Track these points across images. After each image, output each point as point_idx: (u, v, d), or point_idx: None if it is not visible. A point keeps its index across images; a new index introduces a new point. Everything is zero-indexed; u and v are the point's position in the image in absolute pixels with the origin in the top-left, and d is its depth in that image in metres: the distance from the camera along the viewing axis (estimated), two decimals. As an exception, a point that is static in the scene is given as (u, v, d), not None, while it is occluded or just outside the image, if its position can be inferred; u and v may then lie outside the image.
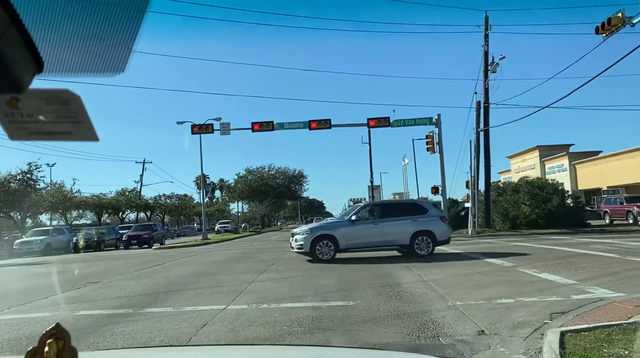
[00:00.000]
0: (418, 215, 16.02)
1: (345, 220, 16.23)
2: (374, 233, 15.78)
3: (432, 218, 16.06)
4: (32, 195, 44.13)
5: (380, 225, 15.89)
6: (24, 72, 0.71)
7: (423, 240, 15.80)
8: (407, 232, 15.72)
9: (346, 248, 15.62)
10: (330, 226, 16.43)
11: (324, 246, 15.48)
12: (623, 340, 5.05)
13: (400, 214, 16.20)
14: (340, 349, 3.35)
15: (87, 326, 7.33)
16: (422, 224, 15.85)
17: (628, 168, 39.63)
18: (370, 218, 16.31)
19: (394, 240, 15.80)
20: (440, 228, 16.09)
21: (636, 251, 14.36)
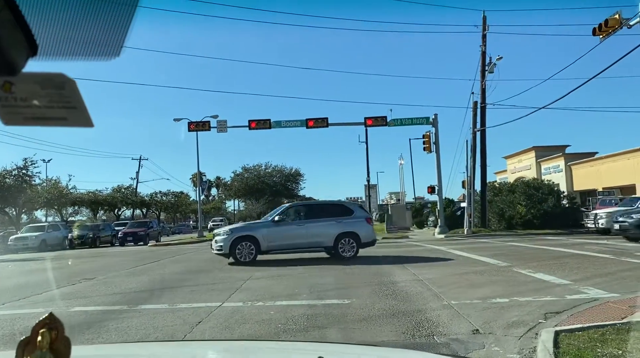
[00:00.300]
0: (343, 217, 15.75)
1: (268, 221, 15.88)
2: (298, 234, 15.43)
3: (357, 219, 15.81)
4: (28, 191, 43.98)
5: (304, 226, 15.57)
6: (18, 54, 0.70)
7: (347, 241, 15.55)
8: (332, 234, 15.45)
9: (268, 250, 15.27)
10: (251, 227, 16.03)
11: (244, 247, 15.02)
12: (617, 340, 5.07)
13: (325, 216, 15.86)
14: (336, 345, 3.35)
15: (82, 322, 7.31)
16: (346, 225, 15.60)
17: (624, 170, 39.75)
18: (295, 218, 15.92)
19: (318, 242, 15.54)
20: (365, 229, 15.86)
21: (630, 252, 14.42)
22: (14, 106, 0.77)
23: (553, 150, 49.52)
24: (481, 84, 29.35)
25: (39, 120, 0.79)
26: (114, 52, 0.80)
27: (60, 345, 0.96)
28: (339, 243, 15.48)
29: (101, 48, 0.79)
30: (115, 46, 0.79)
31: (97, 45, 0.79)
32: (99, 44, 0.79)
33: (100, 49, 0.79)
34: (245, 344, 3.01)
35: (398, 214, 40.48)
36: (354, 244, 15.59)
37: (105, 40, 0.79)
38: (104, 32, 0.78)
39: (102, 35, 0.78)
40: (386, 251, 18.54)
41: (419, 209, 42.03)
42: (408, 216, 41.26)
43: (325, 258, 15.74)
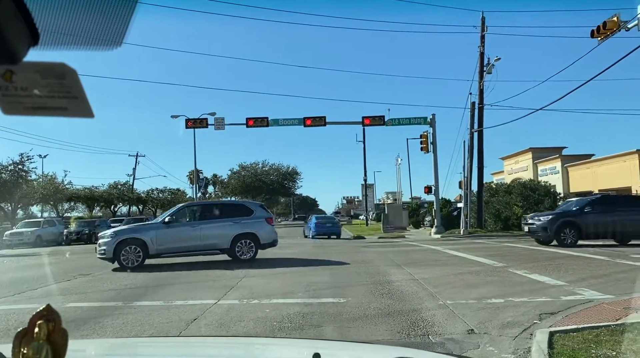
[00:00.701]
0: (242, 217, 15.16)
1: (158, 222, 15.15)
2: (191, 236, 14.63)
3: (257, 220, 15.22)
4: (24, 186, 43.80)
5: (198, 228, 14.79)
6: (19, 43, 0.70)
7: (246, 243, 14.94)
8: (228, 235, 14.83)
9: (158, 253, 14.43)
10: (138, 229, 15.05)
11: (130, 251, 13.98)
12: (611, 341, 5.10)
13: (222, 216, 15.33)
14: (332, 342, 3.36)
15: (77, 318, 7.29)
16: (245, 226, 15.00)
17: (620, 172, 39.88)
18: (190, 219, 15.22)
19: (214, 244, 14.82)
20: (265, 230, 15.28)
21: (625, 254, 14.47)
22: (15, 95, 0.77)
23: (550, 152, 49.64)
24: (479, 84, 29.39)
25: (39, 110, 0.78)
26: (116, 42, 0.79)
27: (57, 336, 0.96)
28: (237, 244, 14.84)
29: (103, 37, 0.79)
30: (118, 35, 0.79)
31: (99, 34, 0.78)
32: (101, 33, 0.78)
33: (102, 38, 0.79)
34: (241, 340, 3.02)
35: (395, 214, 40.49)
36: (253, 245, 14.98)
37: (107, 29, 0.78)
38: (106, 21, 0.77)
39: (104, 24, 0.78)
40: (382, 251, 18.58)
41: (415, 209, 42.13)
42: (405, 216, 41.32)
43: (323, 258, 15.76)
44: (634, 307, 6.92)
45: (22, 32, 0.70)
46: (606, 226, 17.47)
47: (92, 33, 0.78)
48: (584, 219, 17.75)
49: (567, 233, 17.63)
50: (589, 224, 17.57)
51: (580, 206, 18.83)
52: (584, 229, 17.60)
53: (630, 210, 18.01)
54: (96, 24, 0.78)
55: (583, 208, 18.40)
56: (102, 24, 0.78)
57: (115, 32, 0.79)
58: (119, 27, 0.78)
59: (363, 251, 18.78)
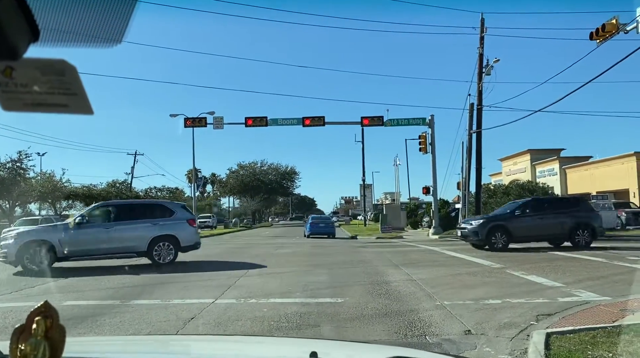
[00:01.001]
0: (162, 218, 14.40)
1: (69, 222, 14.11)
2: (105, 238, 13.67)
3: (177, 221, 14.48)
4: (22, 184, 43.72)
5: (113, 229, 13.82)
6: (20, 39, 0.70)
7: (165, 245, 14.13)
8: (145, 237, 13.94)
9: (67, 256, 13.40)
10: (45, 230, 14.10)
11: (35, 254, 12.96)
12: (607, 342, 5.11)
13: (140, 217, 14.40)
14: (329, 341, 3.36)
15: (74, 316, 7.28)
16: (164, 228, 14.19)
17: (617, 174, 39.98)
18: (104, 220, 14.18)
19: (130, 246, 13.87)
20: (186, 232, 14.56)
21: (623, 256, 14.50)
22: (15, 91, 0.77)
23: (548, 153, 49.74)
24: (478, 86, 29.40)
25: (39, 106, 0.78)
26: (116, 39, 0.80)
27: (55, 333, 0.97)
28: (155, 247, 14.02)
29: (103, 34, 0.79)
30: (118, 33, 0.79)
31: (99, 31, 0.79)
32: (101, 30, 0.78)
33: (102, 35, 0.79)
34: (238, 339, 3.02)
35: (393, 214, 40.49)
36: (172, 248, 14.20)
37: (108, 26, 0.78)
38: (106, 18, 0.77)
39: (104, 21, 0.78)
40: (380, 251, 18.59)
41: (413, 210, 42.12)
42: (403, 216, 41.33)
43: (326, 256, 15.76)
44: (631, 309, 6.93)
45: (22, 29, 0.70)
46: (536, 229, 17.30)
47: (92, 30, 0.78)
48: (514, 222, 17.51)
49: (497, 237, 17.20)
50: (518, 227, 17.33)
51: (511, 210, 18.64)
52: (514, 232, 17.27)
53: (560, 213, 17.87)
54: (96, 20, 0.78)
55: (513, 212, 18.19)
56: (102, 21, 0.78)
57: (115, 30, 0.79)
58: (119, 24, 0.79)
59: (361, 252, 18.79)
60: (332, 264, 14.18)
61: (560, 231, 17.49)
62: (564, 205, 19.00)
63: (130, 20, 0.79)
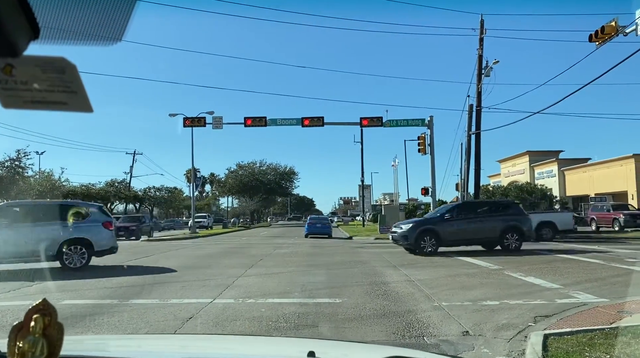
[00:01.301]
0: (75, 220, 13.49)
1: None
2: (10, 241, 12.63)
3: (92, 223, 13.62)
4: (20, 183, 43.68)
5: (21, 231, 12.82)
6: (20, 37, 0.70)
7: (76, 249, 13.29)
8: (55, 240, 13.05)
9: None
10: None
11: None
12: (605, 344, 5.12)
13: (49, 219, 13.35)
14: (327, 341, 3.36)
15: (72, 315, 7.28)
16: (76, 231, 13.34)
17: (616, 176, 40.04)
18: (9, 222, 13.14)
19: (38, 251, 12.76)
20: (102, 235, 13.67)
21: (621, 258, 14.52)
22: (15, 89, 0.77)
23: (547, 155, 49.79)
24: (477, 87, 29.42)
25: (38, 104, 0.79)
26: (116, 37, 0.80)
27: (53, 330, 0.97)
28: (65, 251, 13.16)
29: (103, 32, 0.79)
30: (118, 31, 0.79)
31: (99, 29, 0.79)
32: (101, 28, 0.79)
33: (103, 34, 0.79)
34: (236, 339, 3.02)
35: (391, 215, 40.42)
36: (85, 252, 13.38)
37: (108, 24, 0.78)
38: (106, 16, 0.78)
39: (105, 19, 0.78)
40: (378, 252, 18.59)
41: (412, 211, 42.12)
42: (401, 217, 41.27)
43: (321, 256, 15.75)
44: (628, 311, 6.95)
45: (22, 26, 0.70)
46: (466, 233, 17.11)
47: (92, 28, 0.78)
48: (443, 226, 17.25)
49: (426, 241, 16.95)
50: (448, 231, 17.11)
51: (441, 213, 18.39)
52: (444, 236, 17.05)
53: (491, 216, 17.69)
54: (96, 19, 0.78)
55: (443, 215, 17.94)
56: (103, 19, 0.78)
57: (116, 28, 0.79)
58: (119, 22, 0.79)
59: (359, 252, 18.80)
60: (330, 264, 14.18)
61: (490, 234, 17.29)
62: (495, 209, 18.78)
63: (130, 18, 0.79)
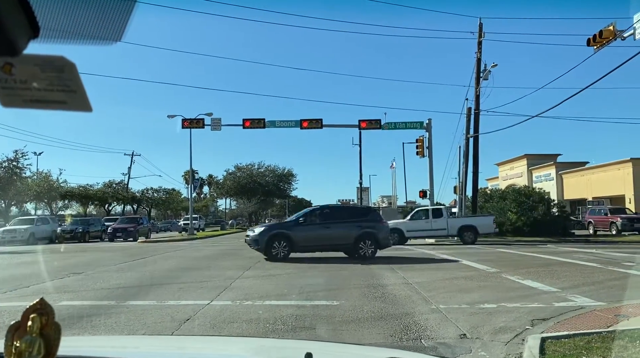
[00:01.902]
0: None
1: None
2: None
3: None
4: (18, 183, 43.59)
5: None
6: (19, 35, 0.70)
7: None
8: None
9: None
10: None
11: None
12: (602, 348, 5.12)
13: None
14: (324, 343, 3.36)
15: (69, 316, 7.26)
16: None
17: (613, 180, 40.12)
18: None
19: None
20: None
21: (618, 261, 14.54)
22: (14, 87, 0.77)
23: (545, 158, 49.87)
24: (475, 90, 29.49)
25: (38, 103, 0.79)
26: (116, 37, 0.80)
27: (50, 330, 0.96)
28: None
29: (103, 32, 0.79)
30: (117, 30, 0.79)
31: (99, 28, 0.79)
32: (101, 27, 0.79)
33: (102, 33, 0.79)
34: (233, 340, 3.01)
35: (389, 217, 40.52)
36: None
37: (108, 23, 0.78)
38: (106, 16, 0.78)
39: (105, 18, 0.78)
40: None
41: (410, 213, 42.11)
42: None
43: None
44: (625, 314, 6.95)
45: (22, 25, 0.70)
46: (320, 238, 16.38)
47: (92, 27, 0.78)
48: (297, 231, 16.49)
49: (278, 246, 16.07)
50: (301, 237, 16.31)
51: (296, 218, 17.85)
52: (296, 242, 16.25)
53: (348, 222, 16.97)
54: (96, 18, 0.78)
55: (298, 220, 17.34)
56: (102, 19, 0.78)
57: (115, 28, 0.79)
58: (118, 22, 0.79)
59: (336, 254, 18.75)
60: (328, 267, 14.16)
61: (345, 241, 16.58)
62: (353, 215, 18.08)
63: (130, 19, 0.79)
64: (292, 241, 16.31)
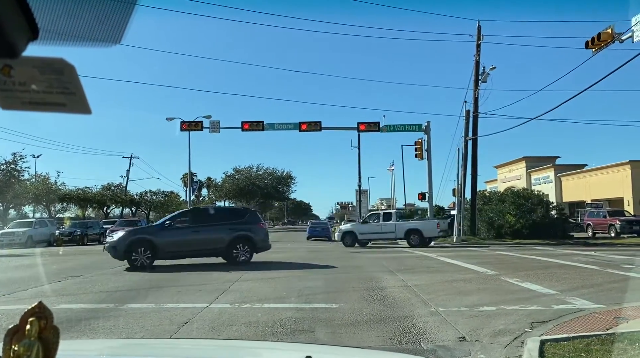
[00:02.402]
0: None
1: None
2: None
3: None
4: (16, 186, 43.56)
5: None
6: (19, 37, 0.70)
7: None
8: None
9: None
10: None
11: None
12: (601, 350, 5.11)
13: None
14: (324, 346, 3.35)
15: (67, 319, 7.23)
16: None
17: (612, 182, 40.19)
18: None
19: None
20: None
21: (617, 264, 14.54)
22: (13, 90, 0.77)
23: (543, 161, 49.96)
24: (474, 93, 29.53)
25: (37, 105, 0.78)
26: (115, 39, 0.80)
27: (49, 334, 0.96)
28: None
29: (102, 34, 0.79)
30: (117, 33, 0.79)
31: (99, 31, 0.79)
32: (100, 29, 0.78)
33: (102, 35, 0.79)
34: (232, 343, 3.00)
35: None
36: None
37: (107, 26, 0.78)
38: (106, 18, 0.77)
39: (104, 21, 0.78)
40: (375, 257, 18.57)
41: (409, 216, 42.13)
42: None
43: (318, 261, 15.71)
44: (625, 317, 6.95)
45: (21, 27, 0.70)
46: (189, 243, 15.05)
47: (91, 30, 0.78)
48: (162, 236, 15.09)
49: (140, 254, 14.63)
50: (167, 242, 14.94)
51: (162, 221, 16.66)
52: (161, 248, 14.84)
53: (221, 225, 15.74)
54: (96, 20, 0.78)
55: (164, 223, 16.05)
56: (102, 21, 0.78)
57: (115, 30, 0.79)
58: (118, 25, 0.79)
59: (356, 257, 18.76)
60: (327, 269, 14.15)
61: (217, 245, 15.36)
62: (227, 217, 16.85)
63: (129, 21, 0.79)
64: (156, 248, 14.84)
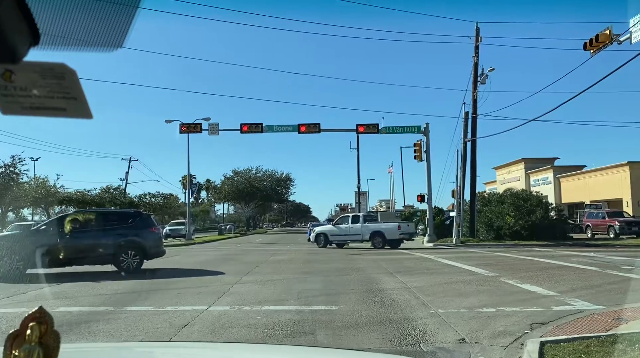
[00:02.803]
0: None
1: None
2: None
3: None
4: (15, 189, 43.50)
5: None
6: (20, 42, 0.70)
7: None
8: None
9: None
10: None
11: None
12: (601, 351, 5.11)
13: None
14: (323, 349, 3.35)
15: (66, 323, 7.22)
16: None
17: (611, 184, 40.20)
18: None
19: None
20: None
21: (616, 265, 14.55)
22: (14, 95, 0.77)
23: (542, 162, 49.98)
24: (473, 94, 29.56)
25: (38, 110, 0.78)
26: (117, 44, 0.80)
27: (49, 339, 0.95)
28: None
29: (104, 39, 0.79)
30: (118, 38, 0.79)
31: (100, 36, 0.78)
32: (101, 34, 0.78)
33: (103, 40, 0.79)
34: (232, 346, 3.00)
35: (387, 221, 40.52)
36: None
37: (108, 31, 0.78)
38: (107, 23, 0.77)
39: (105, 26, 0.78)
40: (375, 259, 18.56)
41: (408, 218, 42.11)
42: (397, 224, 41.32)
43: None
44: (624, 318, 6.95)
45: (23, 32, 0.70)
46: (69, 250, 13.63)
47: (93, 34, 0.78)
48: (32, 243, 13.52)
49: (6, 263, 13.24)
50: (38, 250, 13.20)
51: (38, 226, 15.33)
52: (32, 256, 13.24)
53: (107, 229, 14.39)
54: (97, 25, 0.78)
55: (39, 228, 14.71)
56: (103, 26, 0.78)
57: (116, 35, 0.79)
58: (119, 29, 0.79)
59: (355, 259, 18.75)
60: (326, 271, 14.14)
61: (101, 252, 14.05)
62: (114, 221, 15.12)
63: (131, 26, 0.79)
64: (26, 256, 13.27)
